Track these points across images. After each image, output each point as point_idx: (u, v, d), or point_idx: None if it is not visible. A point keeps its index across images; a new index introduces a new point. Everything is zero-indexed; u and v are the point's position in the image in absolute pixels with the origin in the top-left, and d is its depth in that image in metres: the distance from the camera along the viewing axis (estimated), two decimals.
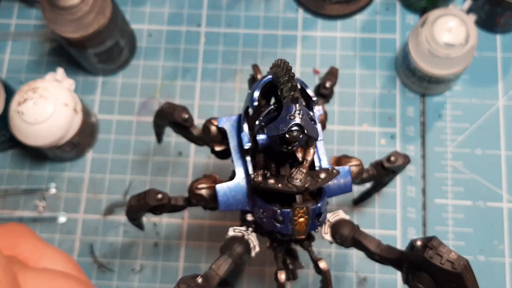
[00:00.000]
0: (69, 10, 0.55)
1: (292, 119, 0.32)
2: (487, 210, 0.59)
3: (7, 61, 0.67)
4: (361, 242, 0.39)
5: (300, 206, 0.35)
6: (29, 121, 0.54)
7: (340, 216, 0.41)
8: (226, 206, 0.40)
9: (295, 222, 0.36)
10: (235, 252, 0.39)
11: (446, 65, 0.57)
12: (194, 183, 0.42)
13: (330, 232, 0.41)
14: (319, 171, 0.37)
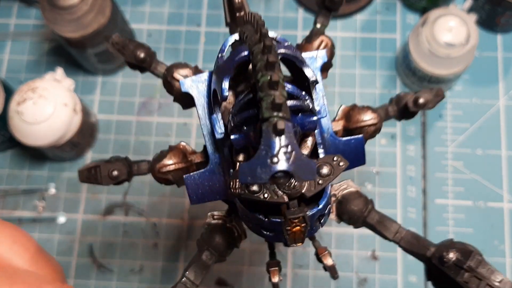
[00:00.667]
0: (68, 9, 0.54)
1: (275, 164, 0.22)
2: (488, 210, 0.59)
3: (6, 61, 0.67)
4: (375, 228, 0.32)
5: (295, 216, 0.27)
6: (29, 121, 0.54)
7: (349, 189, 0.33)
8: (199, 199, 0.33)
9: (289, 232, 0.28)
10: (217, 247, 0.32)
11: (447, 65, 0.57)
12: (156, 163, 0.33)
13: (336, 211, 0.33)
14: (321, 164, 0.28)
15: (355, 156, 0.33)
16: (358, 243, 0.59)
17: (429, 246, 0.30)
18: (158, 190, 0.61)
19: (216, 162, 0.32)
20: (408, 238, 0.31)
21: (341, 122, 0.34)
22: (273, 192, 0.28)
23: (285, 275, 0.58)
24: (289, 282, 0.58)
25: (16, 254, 0.29)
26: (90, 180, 0.34)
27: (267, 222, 0.28)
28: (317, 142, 0.31)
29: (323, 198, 0.29)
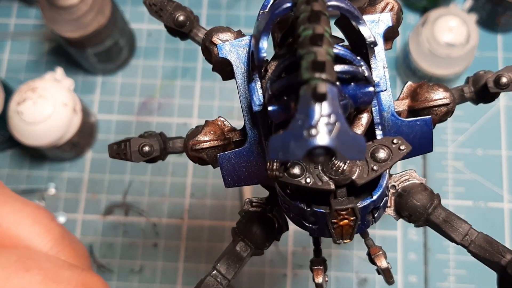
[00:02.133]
0: (68, 9, 0.54)
1: (313, 137, 0.17)
2: (488, 211, 0.59)
3: (6, 60, 0.67)
4: (441, 228, 0.28)
5: (342, 206, 0.24)
6: (28, 121, 0.54)
7: (411, 180, 0.29)
8: (235, 182, 0.29)
9: (335, 226, 0.24)
10: (254, 239, 0.28)
11: (447, 65, 0.57)
12: (191, 139, 0.29)
13: (394, 205, 0.29)
14: (377, 146, 0.24)
15: (420, 141, 0.28)
16: (358, 243, 0.58)
17: (505, 253, 0.27)
18: (158, 190, 0.61)
19: (254, 140, 0.27)
20: (479, 242, 0.28)
21: (406, 101, 0.29)
22: (317, 177, 0.23)
23: (285, 275, 0.58)
24: (289, 282, 0.58)
25: (36, 235, 0.27)
26: (120, 155, 0.31)
27: (310, 212, 0.24)
28: (375, 121, 0.26)
29: (378, 188, 0.25)
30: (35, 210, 0.28)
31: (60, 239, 0.28)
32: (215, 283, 0.27)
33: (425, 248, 0.58)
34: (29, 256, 0.26)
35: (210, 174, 0.61)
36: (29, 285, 0.24)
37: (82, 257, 0.29)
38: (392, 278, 0.29)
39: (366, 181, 0.23)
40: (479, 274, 0.57)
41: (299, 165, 0.23)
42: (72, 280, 0.25)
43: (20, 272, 0.25)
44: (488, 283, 0.57)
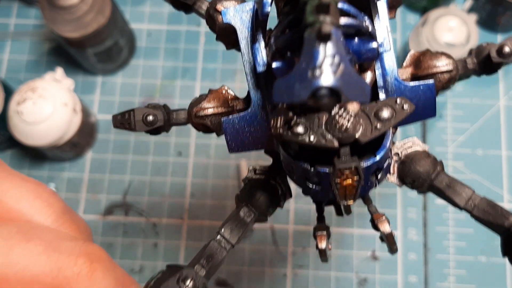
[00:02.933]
0: (68, 9, 0.54)
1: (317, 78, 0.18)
2: None
3: (6, 60, 0.67)
4: (444, 193, 0.28)
5: (346, 166, 0.23)
6: (28, 121, 0.54)
7: (414, 148, 0.29)
8: (239, 147, 0.28)
9: (339, 186, 0.24)
10: (257, 205, 0.28)
11: None
12: (195, 105, 0.29)
13: (397, 172, 0.29)
14: (380, 106, 0.24)
15: (424, 106, 0.27)
16: (358, 243, 0.58)
17: (508, 215, 0.27)
18: (158, 190, 0.61)
19: (258, 104, 0.27)
20: (483, 206, 0.28)
21: (409, 69, 0.29)
22: (320, 136, 0.23)
23: (285, 275, 0.58)
24: (289, 282, 0.58)
25: (37, 211, 0.27)
26: (124, 125, 0.31)
27: (313, 172, 0.24)
28: (378, 85, 0.27)
29: (382, 148, 0.25)
30: (35, 186, 0.28)
31: (61, 213, 0.28)
32: (218, 247, 0.28)
33: (425, 248, 0.58)
34: (31, 228, 0.26)
35: (210, 174, 0.61)
36: (31, 255, 0.24)
37: (85, 232, 0.29)
38: (395, 245, 0.29)
39: (370, 139, 0.23)
40: (479, 274, 0.57)
41: (302, 124, 0.23)
42: (74, 250, 0.25)
43: (22, 243, 0.25)
44: (488, 283, 0.57)
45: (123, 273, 0.27)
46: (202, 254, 0.27)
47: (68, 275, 0.24)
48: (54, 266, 0.24)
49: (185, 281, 0.23)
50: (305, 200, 0.60)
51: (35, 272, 0.24)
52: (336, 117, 0.23)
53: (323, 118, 0.23)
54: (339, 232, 0.59)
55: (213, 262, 0.27)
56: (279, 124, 0.23)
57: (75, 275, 0.25)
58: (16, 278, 0.24)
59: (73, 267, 0.25)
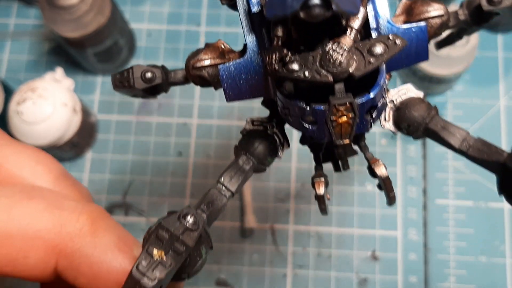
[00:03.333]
0: (68, 9, 0.54)
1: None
2: (488, 211, 0.59)
3: (6, 60, 0.67)
4: (439, 135, 0.28)
5: (341, 102, 0.24)
6: (28, 121, 0.54)
7: (409, 94, 0.29)
8: (236, 95, 0.29)
9: (334, 124, 0.25)
10: (256, 154, 0.29)
11: (447, 65, 0.57)
12: (192, 58, 0.30)
13: (393, 119, 0.29)
14: (373, 42, 0.24)
15: (416, 49, 0.28)
16: (358, 243, 0.58)
17: (502, 151, 0.27)
18: (158, 190, 0.61)
19: (253, 50, 0.28)
20: (477, 146, 0.28)
21: (401, 17, 0.29)
22: (315, 72, 0.24)
23: (285, 275, 0.58)
24: (289, 283, 0.58)
25: (38, 176, 0.27)
26: (123, 83, 0.31)
27: (309, 111, 0.25)
28: (371, 27, 0.27)
29: (375, 86, 0.25)
30: (36, 152, 0.28)
31: (62, 178, 0.28)
32: (218, 195, 0.28)
33: (425, 248, 0.58)
34: (33, 188, 0.26)
35: (210, 174, 0.61)
36: (33, 212, 0.25)
37: (85, 196, 0.29)
38: (393, 191, 0.29)
39: (363, 74, 0.24)
40: (479, 274, 0.57)
41: (297, 61, 0.24)
42: (76, 208, 0.26)
43: (25, 200, 0.25)
44: (488, 283, 0.57)
45: (126, 232, 0.27)
46: (202, 200, 0.27)
47: (70, 231, 0.25)
48: (57, 222, 0.25)
49: (185, 217, 0.23)
50: (305, 200, 0.60)
51: (38, 228, 0.24)
52: (330, 51, 0.23)
53: (317, 55, 0.24)
54: (340, 232, 0.59)
55: (213, 208, 0.27)
56: (274, 60, 0.24)
57: (78, 230, 0.25)
58: (19, 234, 0.24)
59: (75, 223, 0.25)
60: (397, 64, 0.28)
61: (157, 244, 0.23)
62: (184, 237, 0.23)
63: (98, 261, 0.25)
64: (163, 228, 0.23)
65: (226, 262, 0.59)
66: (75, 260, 0.25)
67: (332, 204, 0.60)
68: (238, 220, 0.60)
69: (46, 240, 0.24)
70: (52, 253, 0.25)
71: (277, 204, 0.60)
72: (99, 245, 0.25)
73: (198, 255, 0.25)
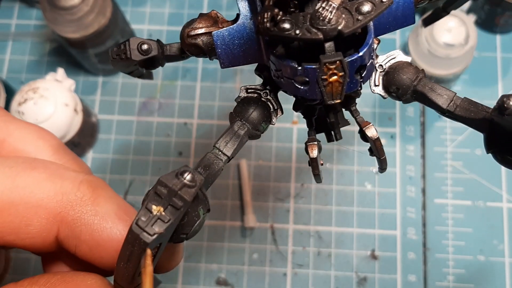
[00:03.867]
0: (69, 10, 0.55)
1: None
2: (487, 210, 0.59)
3: (7, 61, 0.67)
4: (426, 96, 0.28)
5: (331, 60, 0.24)
6: (30, 121, 0.54)
7: (397, 59, 0.30)
8: (230, 61, 0.29)
9: (325, 83, 0.25)
10: (250, 119, 0.30)
11: (446, 65, 0.57)
12: (187, 27, 0.30)
13: (382, 83, 0.30)
14: (361, 1, 0.25)
15: (403, 13, 0.28)
16: (357, 243, 0.59)
17: (488, 109, 0.27)
18: None
19: (246, 16, 0.28)
20: (464, 105, 0.28)
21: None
22: (305, 30, 0.24)
23: (285, 275, 0.58)
24: (289, 282, 0.58)
25: (40, 150, 0.28)
26: (120, 56, 0.31)
27: (300, 70, 0.25)
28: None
29: (364, 45, 0.26)
30: (38, 128, 0.29)
31: (63, 153, 0.29)
32: (215, 159, 0.28)
33: (424, 247, 0.58)
34: (35, 159, 0.27)
35: None
36: (36, 181, 0.25)
37: (85, 169, 0.30)
38: (384, 155, 0.29)
39: (352, 30, 0.24)
40: (478, 273, 0.57)
41: (288, 21, 0.24)
42: (77, 178, 0.26)
43: (27, 170, 0.25)
44: (487, 282, 0.57)
45: (125, 202, 0.27)
46: (199, 164, 0.28)
47: (71, 199, 0.25)
48: (59, 191, 0.25)
49: (183, 174, 0.23)
50: (305, 200, 0.60)
51: (40, 197, 0.25)
52: (319, 9, 0.24)
53: (307, 15, 0.24)
54: (339, 232, 0.59)
55: (210, 171, 0.28)
56: (266, 19, 0.24)
57: (79, 199, 0.25)
58: (22, 203, 0.25)
59: (76, 192, 0.25)
60: (385, 28, 0.29)
61: (156, 200, 0.23)
62: (182, 192, 0.23)
63: (98, 228, 0.25)
64: (162, 184, 0.23)
65: (226, 261, 0.59)
66: (76, 228, 0.25)
67: (332, 203, 0.60)
68: (238, 220, 0.60)
69: (48, 208, 0.25)
70: (54, 221, 0.25)
71: (277, 204, 0.60)
72: (99, 213, 0.26)
73: (196, 215, 0.25)
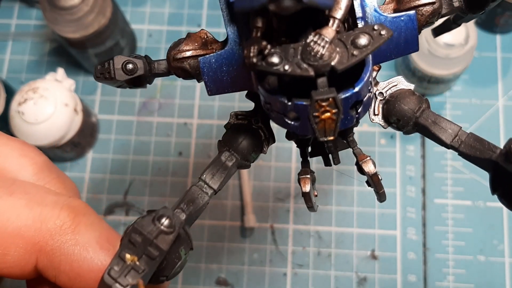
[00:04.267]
0: (69, 10, 0.55)
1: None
2: (487, 210, 0.59)
3: (7, 61, 0.67)
4: (429, 130, 0.27)
5: (323, 97, 0.22)
6: (30, 121, 0.54)
7: (399, 86, 0.28)
8: (218, 89, 0.27)
9: (317, 120, 0.23)
10: (240, 149, 0.27)
11: (446, 65, 0.57)
12: (173, 49, 0.29)
13: (382, 112, 0.28)
14: (357, 34, 0.23)
15: (406, 39, 0.26)
16: (357, 243, 0.59)
17: (495, 149, 0.26)
18: (159, 189, 0.61)
19: (234, 41, 0.26)
20: (470, 142, 0.26)
21: (391, 5, 0.28)
22: (295, 65, 0.22)
23: (285, 275, 0.58)
24: (289, 282, 0.58)
25: (23, 168, 0.27)
26: (104, 75, 0.29)
27: (291, 106, 0.23)
28: (357, 16, 0.25)
29: (360, 80, 0.23)
30: (21, 144, 0.28)
31: (47, 171, 0.28)
32: (200, 192, 0.27)
33: (424, 247, 0.58)
34: (14, 183, 0.25)
35: None
36: (13, 208, 0.24)
37: (70, 189, 0.28)
38: (382, 188, 0.28)
39: (347, 67, 0.22)
40: (478, 273, 0.57)
41: (277, 54, 0.22)
42: (57, 204, 0.25)
43: (4, 196, 0.24)
44: (487, 282, 0.57)
45: (108, 227, 0.26)
46: (182, 199, 0.26)
47: (50, 228, 0.24)
48: (37, 218, 0.24)
49: (160, 219, 0.22)
50: None
51: (18, 225, 0.24)
52: (311, 44, 0.22)
53: (298, 48, 0.22)
54: (339, 232, 0.59)
55: (194, 207, 0.26)
56: (253, 53, 0.22)
57: (58, 227, 0.24)
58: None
59: (55, 220, 0.24)
60: (385, 55, 0.27)
61: (130, 249, 0.22)
62: (158, 241, 0.22)
63: (78, 258, 0.24)
64: (136, 232, 0.22)
65: (226, 261, 0.59)
66: (56, 258, 0.24)
67: (332, 203, 0.60)
68: (238, 220, 0.60)
69: (26, 237, 0.24)
70: (32, 250, 0.24)
71: (277, 204, 0.60)
72: (80, 242, 0.24)
73: (177, 257, 0.24)
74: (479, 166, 0.27)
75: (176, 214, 0.25)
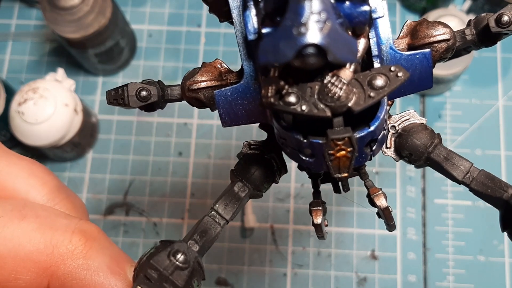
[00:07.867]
0: (69, 10, 0.55)
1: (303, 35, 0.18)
2: (487, 210, 0.59)
3: (7, 61, 0.67)
4: (441, 166, 0.27)
5: (339, 136, 0.23)
6: (30, 121, 0.54)
7: (411, 120, 0.28)
8: (232, 121, 0.28)
9: (332, 157, 0.23)
10: (252, 180, 0.28)
11: (446, 65, 0.57)
12: (188, 79, 0.29)
13: (394, 145, 0.28)
14: (374, 75, 0.23)
15: (420, 76, 0.27)
16: (357, 243, 0.59)
17: (507, 188, 0.26)
18: (159, 190, 0.61)
19: (251, 76, 0.27)
20: (481, 179, 0.27)
21: (406, 39, 0.28)
22: (312, 105, 0.22)
23: (285, 275, 0.58)
24: (289, 282, 0.58)
25: (32, 188, 0.27)
26: (117, 101, 0.29)
27: (306, 144, 0.24)
28: (373, 54, 0.26)
29: (376, 119, 0.24)
30: (31, 164, 0.28)
31: (56, 191, 0.28)
32: (213, 223, 0.27)
33: (424, 247, 0.58)
34: (25, 206, 0.26)
35: (211, 174, 0.61)
36: (25, 232, 0.24)
37: (80, 210, 0.29)
38: (393, 221, 0.28)
39: (363, 108, 0.22)
40: (478, 273, 0.57)
41: (294, 94, 0.22)
42: (69, 227, 0.25)
43: (16, 220, 0.24)
44: (487, 282, 0.57)
45: (119, 251, 0.26)
46: (195, 229, 0.27)
47: (62, 252, 0.24)
48: (49, 243, 0.24)
49: (175, 255, 0.23)
50: (305, 200, 0.60)
51: (29, 249, 0.24)
52: (328, 85, 0.22)
53: (315, 87, 0.22)
54: (339, 232, 0.59)
55: (206, 238, 0.27)
56: (270, 93, 0.22)
57: (70, 252, 0.25)
58: (10, 256, 0.24)
59: (67, 244, 0.25)
60: (399, 92, 0.27)
61: (146, 284, 0.22)
62: (174, 277, 0.22)
63: (90, 283, 0.24)
64: (152, 267, 0.22)
65: (226, 261, 0.59)
66: (67, 282, 0.24)
67: (332, 203, 0.60)
68: (238, 220, 0.60)
69: (37, 261, 0.24)
70: (44, 275, 0.24)
71: (277, 204, 0.60)
72: (91, 267, 0.25)
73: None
74: (490, 204, 0.27)
75: (190, 246, 0.26)
